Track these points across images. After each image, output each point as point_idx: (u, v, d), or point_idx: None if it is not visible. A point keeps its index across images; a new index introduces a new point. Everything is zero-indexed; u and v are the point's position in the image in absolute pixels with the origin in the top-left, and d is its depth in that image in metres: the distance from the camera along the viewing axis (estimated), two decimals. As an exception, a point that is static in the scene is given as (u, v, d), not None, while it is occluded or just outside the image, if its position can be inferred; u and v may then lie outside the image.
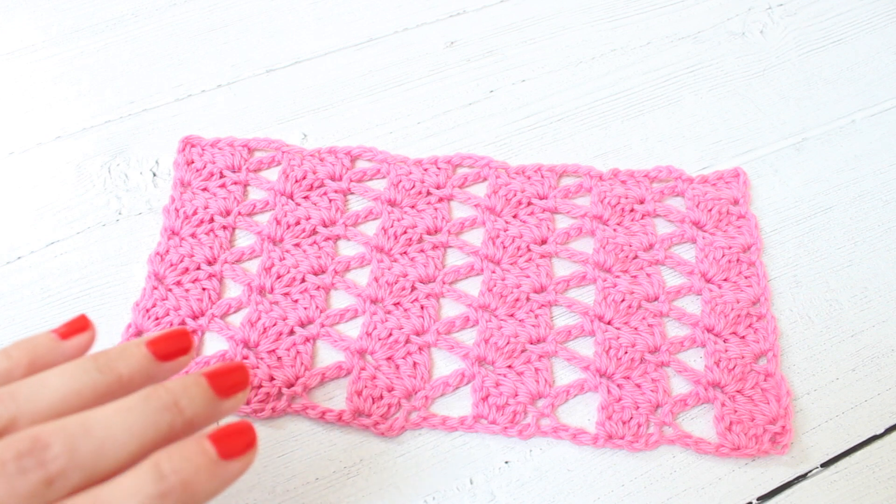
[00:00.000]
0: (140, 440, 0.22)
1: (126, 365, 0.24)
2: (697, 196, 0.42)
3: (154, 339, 0.26)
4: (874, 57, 0.49)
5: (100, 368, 0.24)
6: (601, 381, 0.37)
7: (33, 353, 0.25)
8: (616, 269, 0.40)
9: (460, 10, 0.50)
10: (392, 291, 0.39)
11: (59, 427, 0.21)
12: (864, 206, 0.43)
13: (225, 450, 0.23)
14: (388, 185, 0.42)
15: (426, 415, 0.36)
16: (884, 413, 0.37)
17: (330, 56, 0.48)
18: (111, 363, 0.24)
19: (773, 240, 0.41)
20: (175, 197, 0.42)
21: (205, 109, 0.46)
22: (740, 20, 0.50)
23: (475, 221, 0.41)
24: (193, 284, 0.39)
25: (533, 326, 0.38)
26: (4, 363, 0.24)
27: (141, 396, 0.23)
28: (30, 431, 0.21)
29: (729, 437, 0.35)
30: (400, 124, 0.45)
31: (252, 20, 0.50)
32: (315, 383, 0.37)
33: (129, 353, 0.25)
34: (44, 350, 0.25)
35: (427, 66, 0.48)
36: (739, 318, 0.38)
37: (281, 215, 0.41)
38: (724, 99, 0.47)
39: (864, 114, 0.46)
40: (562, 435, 0.36)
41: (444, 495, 0.35)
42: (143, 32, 0.49)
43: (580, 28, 0.50)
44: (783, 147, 0.45)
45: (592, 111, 0.46)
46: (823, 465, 0.35)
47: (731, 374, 0.37)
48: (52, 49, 0.48)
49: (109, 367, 0.24)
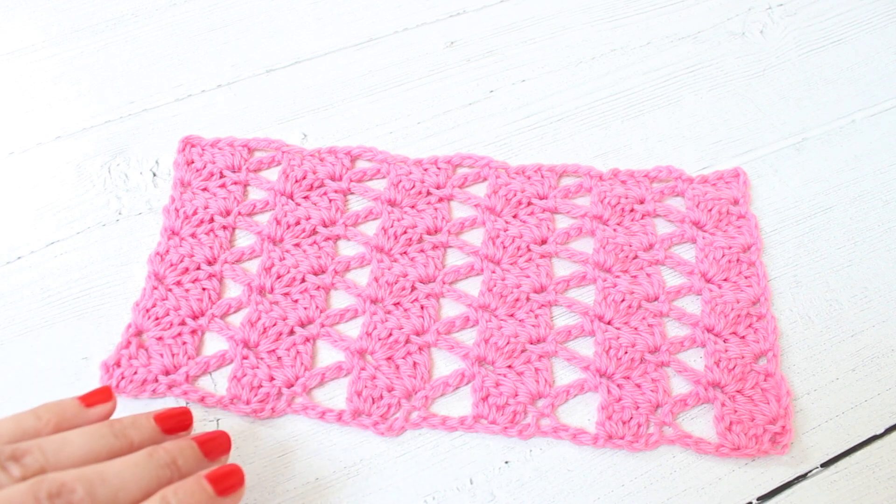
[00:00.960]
0: (145, 489, 0.27)
1: (137, 433, 0.29)
2: (697, 196, 0.42)
3: (162, 415, 0.31)
4: (874, 57, 0.49)
5: (115, 434, 0.29)
6: (601, 381, 0.37)
7: (61, 416, 0.29)
8: (616, 269, 0.40)
9: (460, 10, 0.50)
10: (392, 291, 0.39)
11: (80, 474, 0.26)
12: (864, 206, 0.43)
13: (220, 488, 0.28)
14: (388, 185, 0.42)
15: (426, 415, 0.36)
16: (884, 413, 0.37)
17: (330, 56, 0.48)
18: (125, 430, 0.29)
19: (773, 240, 0.41)
20: (175, 197, 0.42)
21: (205, 109, 0.46)
22: (740, 20, 0.50)
23: (475, 221, 0.41)
24: (193, 284, 0.39)
25: (533, 326, 0.38)
26: (34, 423, 0.28)
27: (145, 454, 0.28)
28: (58, 476, 0.25)
29: (729, 437, 0.35)
30: (400, 124, 0.45)
31: (252, 20, 0.50)
32: (315, 383, 0.37)
33: (140, 424, 0.30)
34: (70, 414, 0.30)
35: (427, 66, 0.48)
36: (739, 318, 0.38)
37: (281, 215, 0.41)
38: (724, 99, 0.47)
39: (864, 114, 0.46)
40: (562, 435, 0.36)
41: (444, 495, 0.35)
42: (143, 32, 0.49)
43: (580, 28, 0.50)
44: (783, 147, 0.45)
45: (592, 111, 0.46)
46: (823, 465, 0.35)
47: (731, 374, 0.37)
48: (52, 49, 0.48)
49: (123, 433, 0.29)
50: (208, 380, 0.37)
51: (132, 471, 0.27)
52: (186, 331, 0.38)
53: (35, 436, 0.28)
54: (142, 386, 0.36)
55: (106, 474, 0.26)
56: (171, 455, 0.28)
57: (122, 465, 0.27)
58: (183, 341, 0.38)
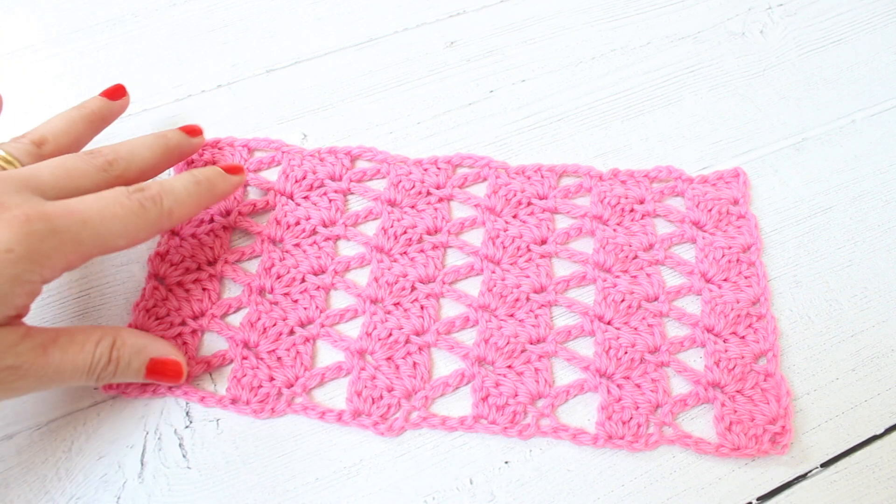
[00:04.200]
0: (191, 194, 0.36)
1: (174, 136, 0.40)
2: (697, 196, 0.42)
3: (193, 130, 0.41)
4: (874, 57, 0.49)
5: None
6: (601, 381, 0.37)
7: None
8: (616, 269, 0.40)
9: (460, 10, 0.50)
10: (392, 291, 0.39)
11: (157, 184, 0.34)
12: (864, 206, 0.43)
13: (228, 170, 0.38)
14: (388, 185, 0.42)
15: (426, 415, 0.36)
16: (884, 413, 0.37)
17: (330, 56, 0.48)
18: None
19: (773, 240, 0.41)
20: (175, 197, 0.41)
21: (205, 109, 0.46)
22: (740, 20, 0.50)
23: (475, 221, 0.41)
24: (194, 284, 0.39)
25: (533, 326, 0.38)
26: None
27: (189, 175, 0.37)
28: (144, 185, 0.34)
29: (729, 437, 0.35)
30: (400, 124, 0.45)
31: (252, 20, 0.50)
32: (315, 383, 0.37)
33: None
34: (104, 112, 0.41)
35: (427, 66, 0.48)
36: (739, 318, 0.38)
37: (281, 215, 0.41)
38: (724, 99, 0.47)
39: (864, 114, 0.46)
40: (562, 435, 0.36)
41: (444, 495, 0.35)
42: (143, 32, 0.49)
43: (580, 28, 0.50)
44: (783, 147, 0.45)
45: (592, 111, 0.46)
46: (823, 465, 0.36)
47: (731, 374, 0.37)
48: (52, 49, 0.48)
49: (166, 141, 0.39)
50: (208, 380, 0.37)
51: (181, 180, 0.35)
52: (186, 331, 0.38)
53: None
54: (142, 387, 0.36)
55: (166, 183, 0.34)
56: (204, 173, 0.37)
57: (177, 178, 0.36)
58: (183, 342, 0.38)
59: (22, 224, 0.28)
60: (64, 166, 0.33)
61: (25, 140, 0.35)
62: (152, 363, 0.34)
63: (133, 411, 0.36)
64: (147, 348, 0.34)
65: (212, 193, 0.37)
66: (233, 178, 0.38)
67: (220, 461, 0.35)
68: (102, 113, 0.40)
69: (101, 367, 0.32)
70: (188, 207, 0.35)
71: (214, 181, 0.37)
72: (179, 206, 0.34)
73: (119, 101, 0.41)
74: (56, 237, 0.29)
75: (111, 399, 0.37)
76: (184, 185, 0.35)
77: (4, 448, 0.35)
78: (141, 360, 0.34)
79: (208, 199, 0.36)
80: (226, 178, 0.38)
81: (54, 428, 0.36)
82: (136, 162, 0.36)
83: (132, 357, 0.33)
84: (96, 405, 0.36)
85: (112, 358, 0.32)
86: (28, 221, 0.28)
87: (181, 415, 0.36)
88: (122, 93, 0.41)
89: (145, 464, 0.35)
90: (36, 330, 0.31)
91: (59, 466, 0.35)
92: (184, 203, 0.34)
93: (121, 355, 0.33)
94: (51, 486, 0.34)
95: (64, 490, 0.34)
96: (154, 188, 0.33)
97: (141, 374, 0.34)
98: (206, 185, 0.36)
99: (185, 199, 0.34)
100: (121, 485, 0.34)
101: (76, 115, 0.38)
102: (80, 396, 0.36)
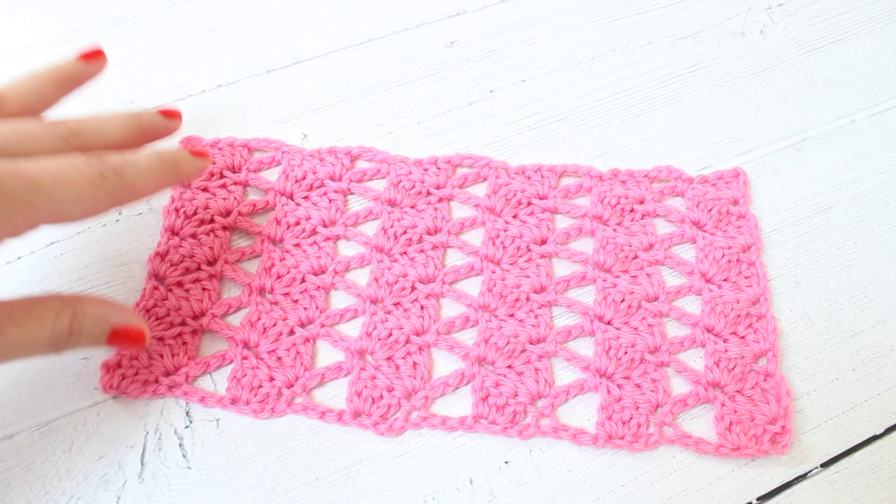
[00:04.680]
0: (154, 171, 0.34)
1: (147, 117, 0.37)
2: (697, 196, 0.42)
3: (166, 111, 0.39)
4: (874, 57, 0.49)
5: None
6: (601, 381, 0.37)
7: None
8: (616, 269, 0.40)
9: (460, 10, 0.50)
10: (392, 291, 0.39)
11: (120, 157, 0.32)
12: (864, 206, 0.43)
13: (194, 152, 0.37)
14: (388, 185, 0.42)
15: (426, 415, 0.36)
16: (884, 413, 0.37)
17: (330, 56, 0.48)
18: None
19: (773, 240, 0.41)
20: (175, 197, 0.42)
21: (205, 109, 0.46)
22: (740, 20, 0.50)
23: (475, 221, 0.41)
24: (194, 284, 0.39)
25: (533, 326, 0.38)
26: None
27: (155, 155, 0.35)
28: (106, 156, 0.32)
29: (729, 437, 0.35)
30: (400, 124, 0.45)
31: (252, 20, 0.50)
32: (315, 383, 0.37)
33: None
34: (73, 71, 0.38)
35: (427, 66, 0.48)
36: (739, 318, 0.38)
37: (281, 215, 0.41)
38: (724, 99, 0.47)
39: (864, 114, 0.46)
40: (562, 435, 0.36)
41: (444, 495, 0.35)
42: (143, 32, 0.49)
43: (580, 28, 0.50)
44: (783, 147, 0.45)
45: (592, 111, 0.46)
46: (823, 465, 0.36)
47: (731, 374, 0.37)
48: (52, 49, 0.48)
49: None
50: (208, 380, 0.37)
51: (146, 156, 0.34)
52: (187, 331, 0.38)
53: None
54: (142, 387, 0.36)
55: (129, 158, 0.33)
56: (170, 153, 0.35)
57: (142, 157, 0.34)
58: (183, 341, 0.38)
59: None
60: (18, 128, 0.31)
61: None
62: (114, 331, 0.33)
63: (133, 411, 0.36)
64: (109, 317, 0.32)
65: (176, 173, 0.35)
66: (197, 162, 0.36)
67: (220, 461, 0.35)
68: (75, 74, 0.37)
69: (62, 339, 0.31)
70: (151, 184, 0.33)
71: (180, 161, 0.35)
72: (143, 181, 0.32)
73: (95, 63, 0.38)
74: (2, 199, 0.27)
75: (111, 399, 0.37)
76: (148, 160, 0.33)
77: (4, 448, 0.35)
78: (103, 329, 0.32)
79: (172, 179, 0.35)
80: (192, 160, 0.36)
81: (54, 428, 0.36)
82: (102, 136, 0.34)
83: (94, 326, 0.32)
84: (96, 405, 0.36)
85: (74, 329, 0.31)
86: None
87: (181, 415, 0.36)
88: (99, 55, 0.38)
89: (145, 464, 0.35)
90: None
91: (59, 466, 0.35)
92: (147, 179, 0.33)
93: (83, 326, 0.31)
94: (51, 486, 0.34)
95: (64, 490, 0.34)
96: (115, 159, 0.31)
97: (103, 342, 0.32)
98: (172, 164, 0.34)
99: (147, 175, 0.33)
100: (121, 485, 0.34)
101: (44, 75, 0.36)
102: (80, 396, 0.36)
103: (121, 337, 0.33)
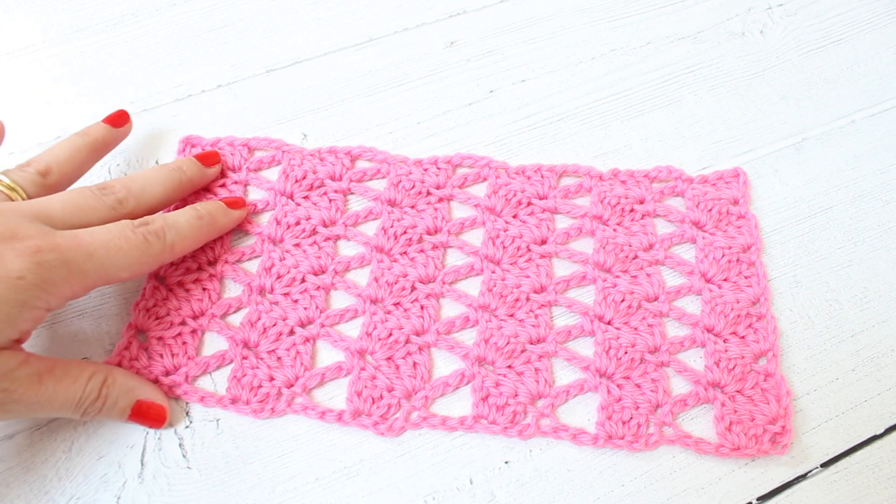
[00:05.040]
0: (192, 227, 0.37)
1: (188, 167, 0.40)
2: (697, 196, 0.42)
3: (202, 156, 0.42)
4: (874, 57, 0.49)
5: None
6: (601, 381, 0.37)
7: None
8: (616, 269, 0.40)
9: (460, 10, 0.50)
10: (392, 291, 0.39)
11: (162, 218, 0.36)
12: (864, 206, 0.43)
13: (230, 203, 0.40)
14: (388, 185, 0.42)
15: (426, 415, 0.36)
16: (884, 413, 0.37)
17: (330, 56, 0.48)
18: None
19: (773, 240, 0.41)
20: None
21: (205, 109, 0.46)
22: (740, 20, 0.50)
23: (475, 221, 0.41)
24: (194, 284, 0.39)
25: (533, 326, 0.38)
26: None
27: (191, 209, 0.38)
28: (146, 219, 0.35)
29: (729, 437, 0.35)
30: (400, 124, 0.45)
31: (252, 20, 0.50)
32: (315, 383, 0.37)
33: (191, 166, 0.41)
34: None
35: (427, 66, 0.48)
36: (739, 318, 0.38)
37: (281, 215, 0.41)
38: (724, 99, 0.47)
39: (864, 114, 0.46)
40: (562, 435, 0.36)
41: (444, 495, 0.35)
42: (143, 32, 0.49)
43: (580, 28, 0.50)
44: (783, 147, 0.45)
45: (592, 111, 0.46)
46: (823, 465, 0.36)
47: (731, 374, 0.37)
48: (52, 49, 0.48)
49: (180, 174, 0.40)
50: (208, 380, 0.37)
51: (184, 214, 0.37)
52: (187, 331, 0.38)
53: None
54: (142, 386, 0.36)
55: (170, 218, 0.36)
56: (206, 207, 0.38)
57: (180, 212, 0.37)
58: (183, 341, 0.38)
59: (34, 254, 0.30)
60: (75, 202, 0.34)
61: (31, 169, 0.36)
62: (137, 405, 0.35)
63: (133, 411, 0.36)
64: (135, 390, 0.35)
65: (213, 227, 0.38)
66: (234, 213, 0.40)
67: (220, 461, 0.35)
68: (105, 140, 0.40)
69: (90, 402, 0.33)
70: (190, 241, 0.37)
71: (216, 216, 0.38)
72: (182, 240, 0.36)
73: (122, 127, 0.41)
74: (65, 268, 0.31)
75: (111, 399, 0.37)
76: (187, 219, 0.36)
77: (4, 448, 0.35)
78: (128, 401, 0.34)
79: (209, 233, 0.38)
80: (228, 212, 0.39)
81: (54, 428, 0.36)
82: (146, 199, 0.37)
83: (120, 396, 0.34)
84: (96, 405, 0.36)
85: (101, 395, 0.33)
86: (40, 252, 0.30)
87: (181, 415, 0.36)
88: (125, 119, 0.42)
89: (145, 464, 0.35)
90: (34, 357, 0.31)
91: (59, 466, 0.35)
92: (186, 237, 0.36)
93: (109, 393, 0.34)
94: (51, 486, 0.34)
95: (64, 490, 0.34)
96: (158, 222, 0.35)
97: (125, 415, 0.34)
98: (208, 219, 0.38)
99: (187, 234, 0.36)
100: (121, 485, 0.34)
101: (80, 143, 0.39)
102: (80, 396, 0.36)
103: (143, 412, 0.35)
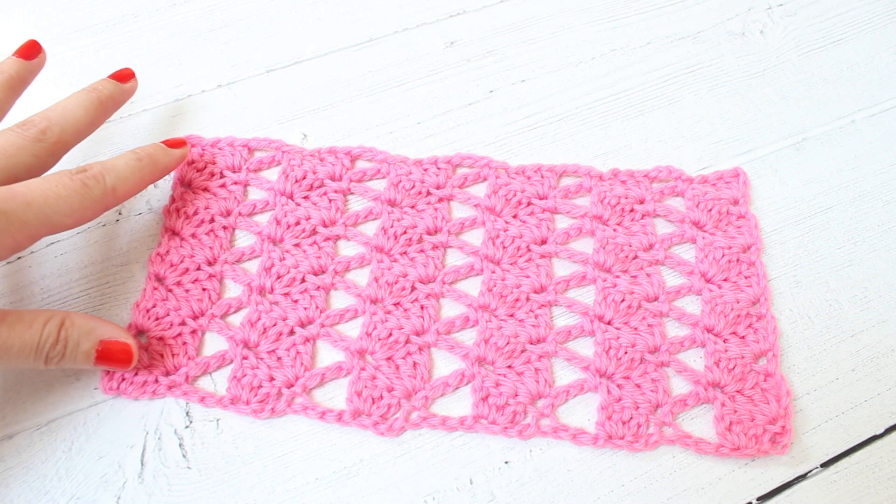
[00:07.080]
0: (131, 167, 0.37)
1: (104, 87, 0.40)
2: (697, 196, 0.42)
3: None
4: (874, 57, 0.49)
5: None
6: (601, 381, 0.37)
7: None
8: (616, 269, 0.40)
9: (460, 10, 0.50)
10: (392, 291, 0.39)
11: (101, 165, 0.36)
12: (864, 206, 0.43)
13: (170, 143, 0.40)
14: (388, 185, 0.42)
15: (426, 415, 0.36)
16: (884, 413, 0.37)
17: (330, 56, 0.48)
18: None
19: (773, 240, 0.41)
20: (175, 197, 0.42)
21: (205, 109, 0.46)
22: (740, 20, 0.50)
23: (475, 221, 0.41)
24: (194, 285, 0.39)
25: (533, 326, 0.38)
26: None
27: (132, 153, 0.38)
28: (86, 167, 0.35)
29: (729, 437, 0.35)
30: (400, 124, 0.45)
31: (252, 20, 0.50)
32: (315, 383, 0.37)
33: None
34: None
35: (427, 66, 0.48)
36: (739, 318, 0.38)
37: (281, 215, 0.41)
38: (724, 99, 0.47)
39: (864, 114, 0.46)
40: (562, 435, 0.36)
41: (444, 495, 0.35)
42: (143, 32, 0.49)
43: (580, 28, 0.50)
44: (783, 147, 0.45)
45: (592, 111, 0.46)
46: (823, 465, 0.36)
47: (731, 374, 0.37)
48: (52, 49, 0.48)
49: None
50: (208, 380, 0.37)
51: (122, 157, 0.37)
52: (186, 331, 0.38)
53: None
54: (142, 387, 0.36)
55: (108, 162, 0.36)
56: (145, 149, 0.38)
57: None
58: (183, 342, 0.38)
59: None
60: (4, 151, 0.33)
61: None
62: (102, 347, 0.34)
63: (133, 411, 0.36)
64: (96, 330, 0.34)
65: (154, 168, 0.38)
66: (175, 152, 0.39)
67: (220, 461, 0.35)
68: (21, 75, 0.39)
69: (49, 346, 0.32)
70: (131, 183, 0.36)
71: (156, 156, 0.38)
72: (122, 182, 0.36)
73: (36, 59, 0.40)
74: (3, 218, 0.30)
75: (111, 399, 0.37)
76: (125, 161, 0.36)
77: (4, 448, 0.35)
78: (90, 342, 0.34)
79: (151, 175, 0.38)
80: (168, 152, 0.39)
81: (54, 428, 0.36)
82: (70, 124, 0.36)
83: (81, 338, 0.33)
84: (96, 405, 0.36)
85: (60, 338, 0.33)
86: None
87: (181, 415, 0.36)
88: (38, 50, 0.40)
89: (145, 464, 0.35)
90: None
91: (59, 466, 0.35)
92: (126, 179, 0.36)
93: (69, 335, 0.33)
94: (51, 486, 0.34)
95: (64, 490, 0.34)
96: (96, 167, 0.35)
97: (91, 359, 0.34)
98: (148, 160, 0.37)
99: (127, 176, 0.36)
100: (121, 485, 0.34)
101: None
102: (80, 396, 0.36)
103: (108, 354, 0.34)
